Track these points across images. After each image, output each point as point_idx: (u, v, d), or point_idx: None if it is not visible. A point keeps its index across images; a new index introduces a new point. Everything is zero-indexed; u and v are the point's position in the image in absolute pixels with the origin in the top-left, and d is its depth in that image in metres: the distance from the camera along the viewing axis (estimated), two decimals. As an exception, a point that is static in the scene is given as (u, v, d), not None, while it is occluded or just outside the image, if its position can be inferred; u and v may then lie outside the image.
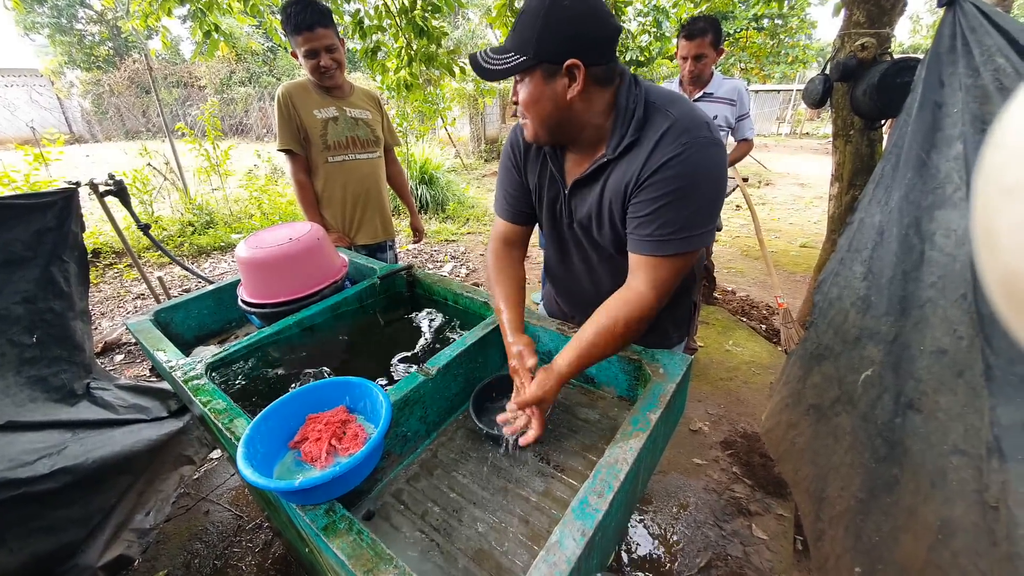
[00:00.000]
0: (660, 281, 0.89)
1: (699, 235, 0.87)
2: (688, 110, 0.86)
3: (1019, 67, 1.05)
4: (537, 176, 1.06)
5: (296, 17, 1.66)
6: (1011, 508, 0.90)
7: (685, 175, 0.83)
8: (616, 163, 0.91)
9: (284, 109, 1.79)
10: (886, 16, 2.14)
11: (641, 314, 0.89)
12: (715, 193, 0.88)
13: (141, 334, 1.31)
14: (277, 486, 0.66)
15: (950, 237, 1.09)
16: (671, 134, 0.84)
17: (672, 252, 0.87)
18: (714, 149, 0.85)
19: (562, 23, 0.79)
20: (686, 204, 0.85)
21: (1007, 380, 0.94)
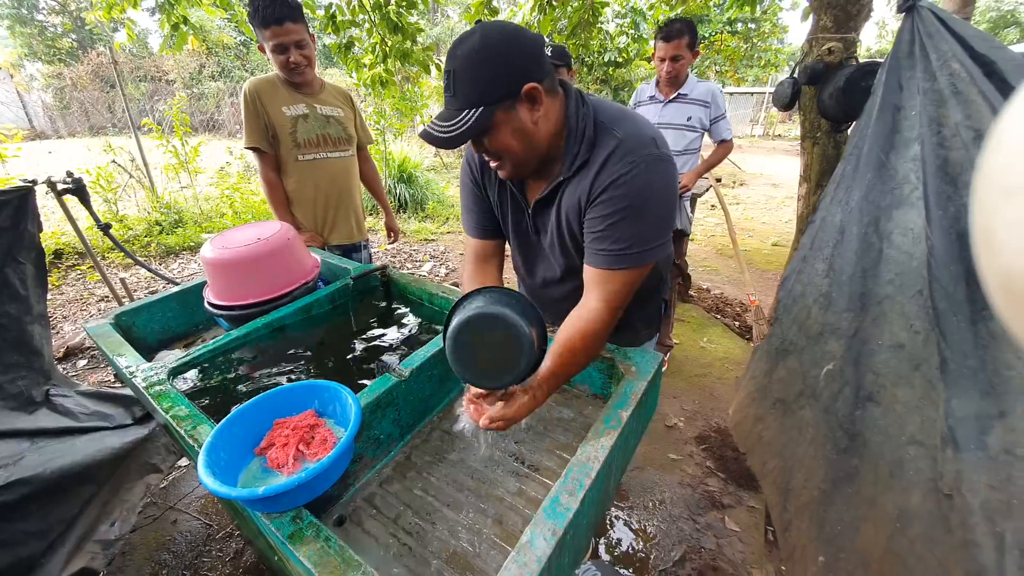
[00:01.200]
0: (612, 294, 0.90)
1: (651, 249, 0.89)
2: (634, 129, 0.88)
3: (972, 72, 1.09)
4: (497, 195, 1.08)
5: (264, 10, 1.60)
6: (965, 496, 0.94)
7: (633, 193, 0.85)
8: (570, 182, 0.93)
9: (251, 105, 1.73)
10: (852, 21, 2.21)
11: (595, 327, 0.90)
12: (665, 208, 0.90)
13: (101, 339, 1.26)
14: (239, 494, 0.64)
15: (907, 236, 1.13)
16: (618, 154, 0.86)
17: (625, 266, 0.88)
18: (662, 165, 0.87)
19: (505, 54, 0.78)
20: (637, 220, 0.86)
21: (961, 373, 0.98)
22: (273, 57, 1.70)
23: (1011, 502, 0.88)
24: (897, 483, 1.05)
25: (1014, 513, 0.88)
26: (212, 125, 13.38)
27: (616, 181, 0.85)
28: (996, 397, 0.93)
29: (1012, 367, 0.92)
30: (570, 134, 0.90)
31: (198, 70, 14.33)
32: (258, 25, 1.64)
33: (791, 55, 10.82)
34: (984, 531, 0.90)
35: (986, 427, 0.93)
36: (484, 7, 3.31)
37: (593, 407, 1.13)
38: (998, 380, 0.93)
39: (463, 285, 1.16)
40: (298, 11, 1.66)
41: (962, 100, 1.08)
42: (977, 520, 0.91)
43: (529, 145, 0.87)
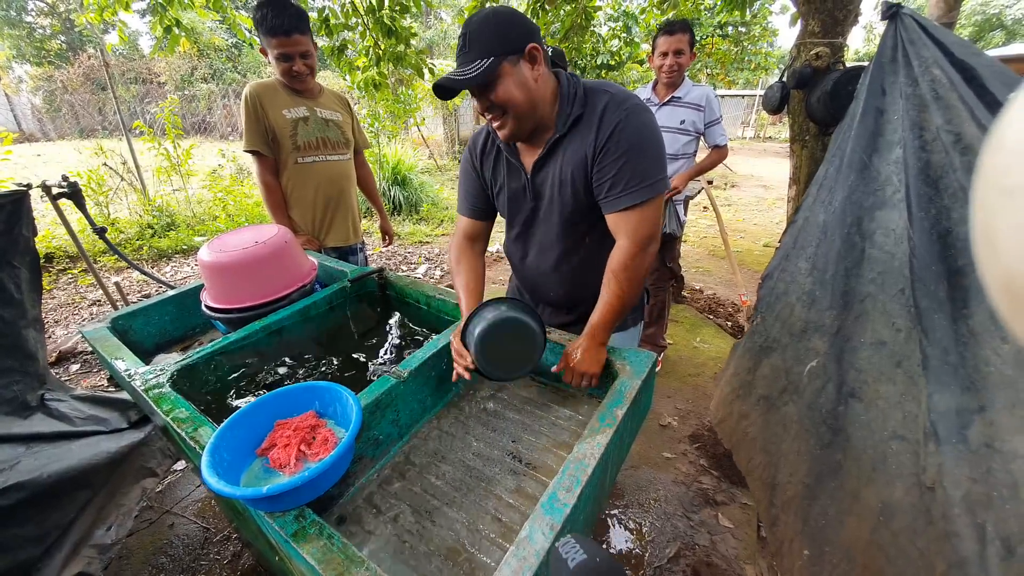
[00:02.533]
0: (635, 231, 1.03)
1: (659, 181, 1.02)
2: (617, 88, 1.04)
3: (953, 78, 1.13)
4: (493, 171, 1.21)
5: (273, 20, 1.62)
6: (946, 488, 0.97)
7: (634, 133, 0.99)
8: (566, 138, 1.06)
9: (251, 109, 1.75)
10: (839, 26, 2.25)
11: (627, 261, 1.04)
12: (659, 146, 1.03)
13: (98, 342, 1.26)
14: (244, 493, 0.66)
15: (889, 236, 1.16)
16: (614, 102, 1.01)
17: (640, 200, 1.01)
18: (647, 113, 1.02)
19: (511, 20, 0.95)
20: (640, 158, 1.00)
21: (942, 369, 1.01)
22: (276, 64, 1.72)
23: (991, 494, 0.92)
24: (880, 477, 1.08)
25: (994, 505, 0.91)
26: (204, 127, 13.29)
27: (617, 127, 0.98)
28: (976, 392, 0.96)
29: (991, 363, 0.95)
30: (563, 99, 1.04)
31: (190, 72, 14.23)
32: (265, 33, 1.65)
33: (781, 58, 10.95)
34: (965, 523, 0.93)
35: (967, 421, 0.96)
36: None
37: (589, 406, 1.15)
38: (977, 376, 0.96)
39: (450, 260, 1.31)
40: (305, 23, 1.69)
41: (943, 105, 1.12)
42: (959, 512, 0.94)
43: (530, 99, 0.99)
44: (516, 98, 0.97)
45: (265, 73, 14.98)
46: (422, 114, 6.88)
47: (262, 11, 1.64)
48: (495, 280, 4.09)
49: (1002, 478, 0.91)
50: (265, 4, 1.65)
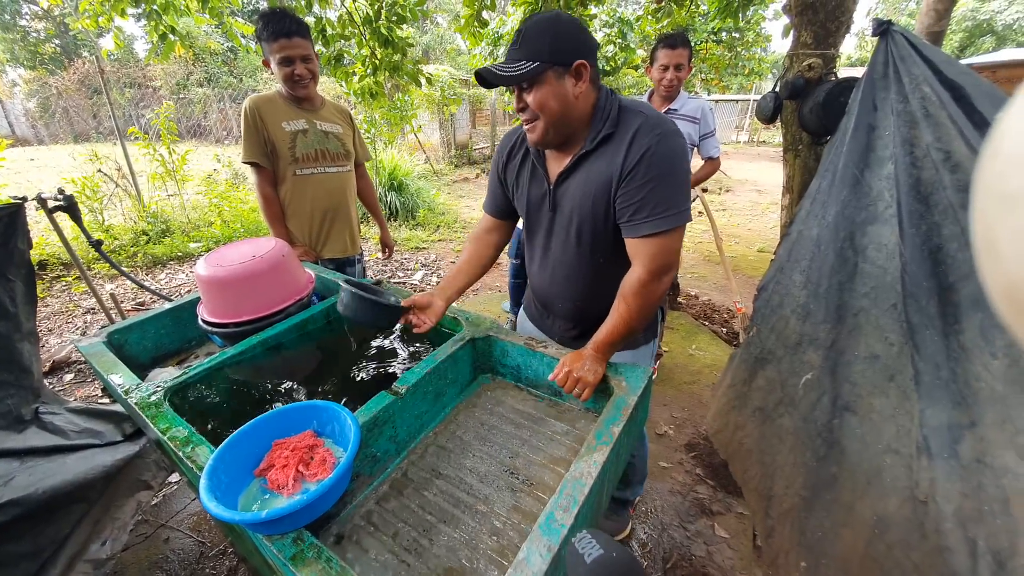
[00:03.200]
0: (654, 257, 1.02)
1: (683, 211, 1.01)
2: (653, 111, 1.03)
3: (942, 96, 1.15)
4: (517, 173, 1.22)
5: (275, 24, 1.66)
6: (939, 503, 0.98)
7: (665, 160, 0.98)
8: (593, 155, 1.05)
9: (251, 122, 1.76)
10: (831, 38, 2.28)
11: (639, 287, 1.04)
12: (686, 173, 1.02)
13: (93, 357, 1.26)
14: (243, 518, 0.66)
15: (882, 251, 1.18)
16: (646, 126, 0.99)
17: (665, 228, 0.99)
18: (680, 139, 1.01)
19: (569, 32, 0.96)
20: (667, 185, 0.98)
21: (933, 384, 1.02)
22: (279, 70, 1.74)
23: (982, 509, 0.93)
24: (874, 490, 1.09)
25: (985, 519, 0.92)
26: (199, 131, 13.26)
27: (648, 152, 0.97)
28: (967, 407, 0.97)
29: (981, 379, 0.97)
30: (596, 114, 1.04)
31: (185, 77, 14.20)
32: (267, 39, 1.68)
33: (774, 63, 11.06)
34: (958, 537, 0.94)
35: (958, 436, 0.97)
36: (474, 18, 3.36)
37: (585, 420, 1.16)
38: (968, 391, 0.97)
39: (464, 245, 1.39)
40: (306, 29, 1.72)
41: (933, 123, 1.14)
42: (951, 526, 0.95)
43: (564, 112, 1.00)
44: (551, 108, 0.99)
45: (261, 77, 14.97)
46: (418, 121, 6.88)
47: (264, 19, 1.67)
48: (491, 286, 4.10)
49: (993, 493, 0.92)
50: (267, 14, 1.69)
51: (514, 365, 1.26)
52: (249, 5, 15.82)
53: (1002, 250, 0.21)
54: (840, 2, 2.20)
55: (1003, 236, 0.21)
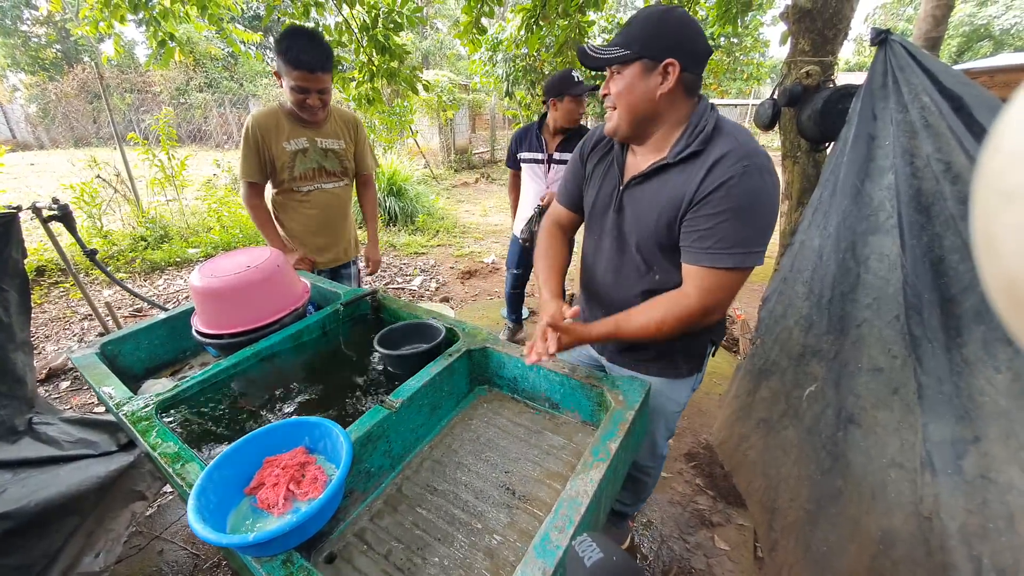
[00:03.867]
0: (708, 291, 0.96)
1: (753, 253, 0.93)
2: (749, 139, 0.95)
3: (942, 106, 1.14)
4: (596, 164, 1.18)
5: (300, 54, 1.54)
6: (943, 519, 0.96)
7: (745, 195, 0.90)
8: (672, 169, 0.99)
9: (252, 141, 1.71)
10: (829, 45, 2.28)
11: (682, 314, 0.98)
12: (770, 216, 0.94)
13: (86, 369, 1.25)
14: (230, 541, 0.64)
15: (883, 262, 1.17)
16: (734, 155, 0.91)
17: (726, 266, 0.93)
18: (771, 178, 0.93)
19: (669, 28, 0.92)
20: (744, 222, 0.91)
21: (936, 398, 1.01)
22: (291, 93, 1.65)
23: (987, 526, 0.91)
24: (879, 505, 1.07)
25: (991, 537, 0.91)
26: (199, 136, 13.28)
27: (728, 182, 0.90)
28: (970, 422, 0.96)
29: (985, 393, 0.95)
30: (688, 127, 0.98)
31: (185, 82, 14.24)
32: (288, 63, 1.57)
33: (772, 68, 11.09)
34: (962, 554, 0.93)
35: (961, 451, 0.96)
36: (473, 25, 3.36)
37: (583, 433, 1.14)
38: (972, 405, 0.96)
39: (538, 243, 1.32)
40: (331, 60, 1.62)
41: (932, 133, 1.13)
42: (955, 543, 0.94)
43: (642, 108, 0.97)
44: (629, 100, 0.97)
45: (262, 83, 15.00)
46: (418, 126, 6.90)
47: (290, 41, 1.53)
48: (490, 292, 4.08)
49: (998, 509, 0.91)
50: (296, 35, 1.55)
51: (511, 377, 1.25)
52: (249, 11, 15.89)
53: (1001, 246, 0.21)
54: (838, 9, 2.20)
55: (1002, 232, 0.21)
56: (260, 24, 15.05)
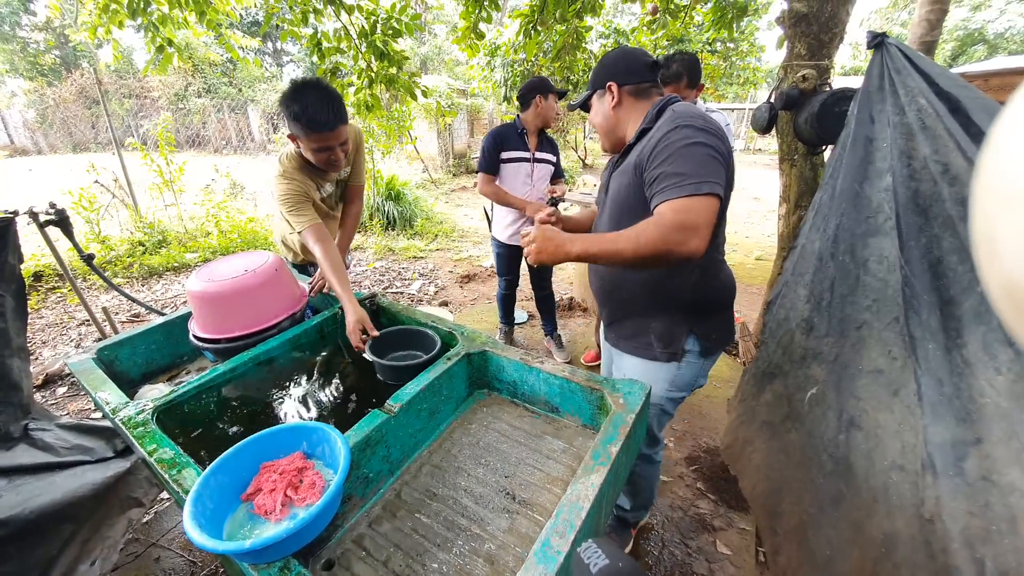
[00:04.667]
0: (676, 213, 1.01)
1: (702, 183, 1.01)
2: (687, 108, 1.12)
3: (938, 108, 1.14)
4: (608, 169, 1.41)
5: (318, 115, 1.41)
6: (944, 522, 0.96)
7: (678, 141, 1.05)
8: (634, 146, 1.20)
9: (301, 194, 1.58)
10: (825, 49, 2.29)
11: (656, 228, 1.00)
12: (705, 155, 1.04)
13: (83, 375, 1.24)
14: (226, 548, 0.63)
15: (883, 264, 1.17)
16: (670, 120, 1.10)
17: (681, 195, 1.01)
18: (699, 125, 1.06)
19: (605, 63, 1.25)
20: (685, 160, 1.03)
21: (937, 400, 1.01)
22: (313, 155, 1.52)
23: (990, 528, 0.91)
24: (882, 508, 1.06)
25: (993, 539, 0.90)
26: (197, 141, 13.30)
27: (664, 138, 1.07)
28: (971, 424, 0.95)
29: (985, 394, 0.95)
30: (645, 118, 1.20)
31: (184, 88, 14.27)
32: (304, 128, 1.43)
33: (769, 73, 11.15)
34: (965, 557, 0.92)
35: (963, 453, 0.95)
36: (471, 30, 3.37)
37: (583, 437, 1.14)
38: (973, 407, 0.95)
39: None
40: (344, 110, 1.49)
41: (930, 135, 1.13)
42: (958, 546, 0.93)
43: (606, 124, 1.27)
44: (596, 122, 1.29)
45: (259, 89, 15.03)
46: (415, 132, 6.91)
47: (300, 104, 1.39)
48: (489, 296, 4.08)
49: (1000, 512, 0.90)
50: (303, 94, 1.40)
51: (510, 381, 1.24)
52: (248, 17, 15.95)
53: (1002, 248, 0.21)
54: (833, 13, 2.21)
55: (1003, 234, 0.21)
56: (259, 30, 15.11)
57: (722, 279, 1.27)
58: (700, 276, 1.21)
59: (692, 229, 0.99)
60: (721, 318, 1.30)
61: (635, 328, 1.29)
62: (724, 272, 1.28)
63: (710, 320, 1.27)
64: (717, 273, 1.25)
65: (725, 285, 1.28)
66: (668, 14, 4.27)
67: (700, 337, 1.25)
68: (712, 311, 1.27)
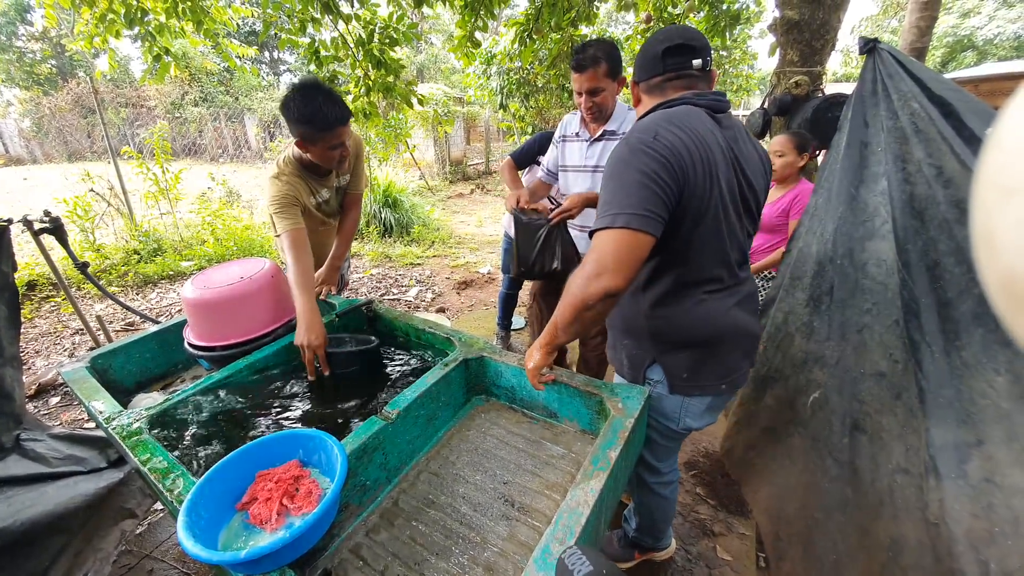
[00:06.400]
0: (591, 251, 0.93)
1: (609, 215, 0.92)
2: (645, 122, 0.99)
3: (931, 112, 1.15)
4: None
5: (327, 117, 1.44)
6: (949, 525, 0.95)
7: (609, 164, 0.98)
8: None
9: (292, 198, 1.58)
10: (817, 55, 2.32)
11: (577, 277, 0.94)
12: (618, 179, 0.94)
13: (76, 383, 1.22)
14: (221, 559, 0.62)
15: (881, 267, 1.17)
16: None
17: (597, 227, 0.94)
18: (628, 147, 0.95)
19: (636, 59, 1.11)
20: (606, 188, 0.96)
21: (938, 402, 1.00)
22: (323, 154, 1.53)
23: (993, 530, 0.90)
24: (887, 512, 1.06)
25: (997, 541, 0.89)
26: (194, 150, 13.30)
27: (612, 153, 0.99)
28: (972, 425, 0.95)
29: (986, 395, 0.95)
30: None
31: (180, 97, 14.29)
32: (317, 128, 1.45)
33: (762, 79, 11.26)
34: (970, 560, 0.91)
35: (965, 456, 0.95)
36: (467, 39, 3.40)
37: (582, 443, 1.13)
38: (974, 409, 0.95)
39: None
40: (348, 109, 1.53)
41: (923, 139, 1.14)
42: (962, 549, 0.92)
43: None
44: None
45: (256, 98, 15.07)
46: (413, 140, 6.93)
47: (311, 106, 1.42)
48: (486, 302, 4.07)
49: (1004, 514, 0.90)
50: (310, 96, 1.43)
51: (508, 386, 1.23)
52: (245, 27, 16.04)
53: (1000, 241, 0.22)
54: (825, 21, 2.24)
55: (1002, 227, 0.21)
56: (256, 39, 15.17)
57: (714, 319, 1.05)
58: (650, 307, 1.07)
59: (602, 271, 0.90)
60: (699, 360, 1.08)
61: (613, 341, 1.24)
62: (718, 310, 1.05)
63: (677, 356, 1.10)
64: (703, 312, 1.05)
65: (717, 326, 1.06)
66: (662, 23, 4.31)
67: (665, 371, 1.11)
68: (684, 348, 1.09)
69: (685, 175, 0.92)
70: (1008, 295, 0.23)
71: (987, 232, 0.23)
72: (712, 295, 1.05)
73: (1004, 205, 0.21)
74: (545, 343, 1.05)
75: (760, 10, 6.61)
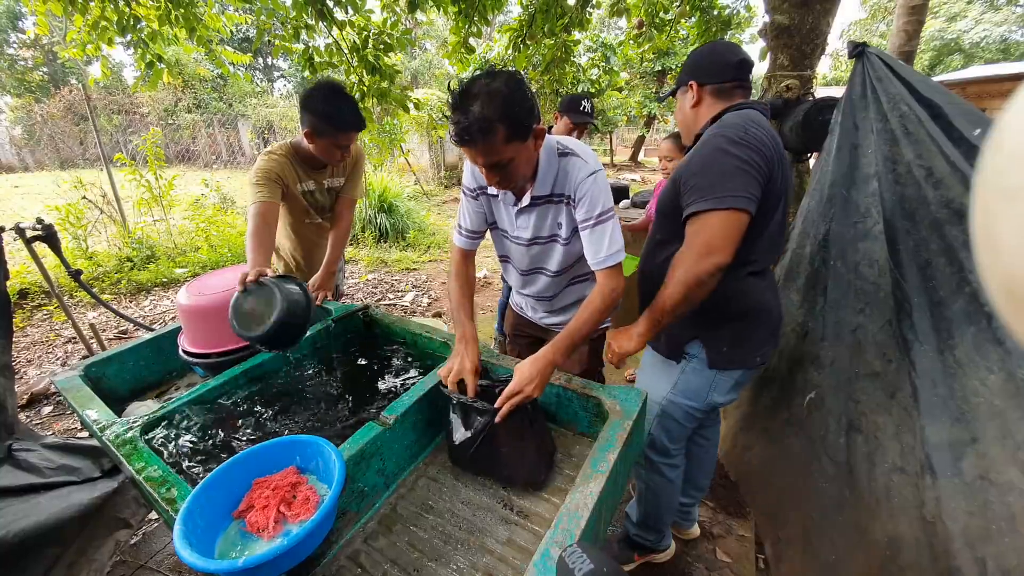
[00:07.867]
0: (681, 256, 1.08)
1: (715, 197, 1.03)
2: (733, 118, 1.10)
3: (920, 114, 1.17)
4: None
5: (349, 118, 1.55)
6: (945, 523, 0.96)
7: (705, 154, 1.07)
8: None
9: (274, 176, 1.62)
10: (807, 60, 2.34)
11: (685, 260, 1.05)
12: (729, 169, 1.04)
13: (69, 392, 1.21)
14: (218, 568, 0.62)
15: (873, 267, 1.18)
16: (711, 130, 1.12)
17: (696, 210, 1.05)
18: (722, 140, 1.06)
19: (690, 62, 1.21)
20: (706, 175, 1.06)
21: (932, 401, 1.01)
22: (328, 150, 1.60)
23: (990, 527, 0.91)
24: (884, 511, 1.06)
25: (993, 538, 0.90)
26: (187, 156, 13.25)
27: (700, 146, 1.12)
28: (967, 424, 0.96)
29: (979, 394, 0.96)
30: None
31: (174, 104, 14.25)
32: (336, 127, 1.54)
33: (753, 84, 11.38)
34: (967, 557, 0.92)
35: (960, 454, 0.96)
36: (461, 45, 3.41)
37: (580, 445, 1.13)
38: (967, 407, 0.96)
39: None
40: (364, 121, 1.63)
41: (913, 140, 1.15)
42: (959, 546, 0.93)
43: (685, 123, 1.27)
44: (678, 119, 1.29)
45: (250, 104, 15.04)
46: (407, 145, 6.94)
47: (336, 107, 1.52)
48: (483, 307, 4.07)
49: (999, 511, 0.90)
50: (335, 97, 1.53)
51: (506, 389, 1.23)
52: (239, 33, 16.04)
53: (1001, 244, 0.22)
54: (814, 25, 2.27)
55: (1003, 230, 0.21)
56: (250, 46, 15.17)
57: (750, 295, 1.14)
58: (718, 286, 1.10)
59: (713, 249, 1.02)
60: (738, 333, 1.17)
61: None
62: (755, 288, 1.15)
63: (720, 331, 1.17)
64: (743, 287, 1.13)
65: (751, 301, 1.15)
66: (654, 28, 4.36)
67: (706, 345, 1.18)
68: (726, 322, 1.16)
69: (770, 167, 1.03)
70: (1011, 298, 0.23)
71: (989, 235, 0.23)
72: (753, 276, 1.15)
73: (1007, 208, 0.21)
74: (647, 329, 1.11)
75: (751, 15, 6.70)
